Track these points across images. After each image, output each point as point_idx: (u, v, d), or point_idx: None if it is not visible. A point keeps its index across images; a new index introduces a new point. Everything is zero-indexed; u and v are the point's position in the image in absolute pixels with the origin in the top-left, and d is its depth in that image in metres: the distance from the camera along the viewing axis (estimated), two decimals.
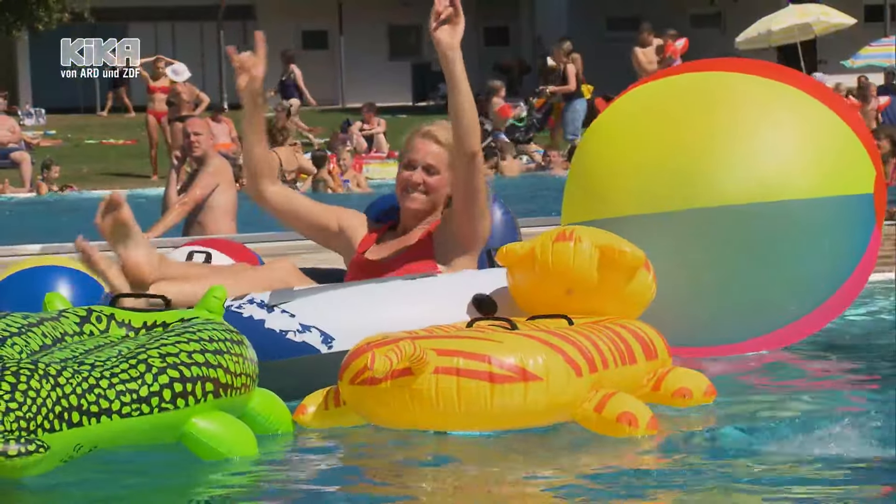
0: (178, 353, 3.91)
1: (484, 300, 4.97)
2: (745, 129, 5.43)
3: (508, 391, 4.11)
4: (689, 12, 38.25)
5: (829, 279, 5.46)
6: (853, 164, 5.49)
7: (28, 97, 35.09)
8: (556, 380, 4.18)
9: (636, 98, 5.80)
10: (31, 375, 3.68)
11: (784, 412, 4.65)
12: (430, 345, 4.20)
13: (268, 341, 4.67)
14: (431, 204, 5.42)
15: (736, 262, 5.36)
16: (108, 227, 4.87)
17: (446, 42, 4.99)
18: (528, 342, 4.24)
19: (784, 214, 5.33)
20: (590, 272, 4.85)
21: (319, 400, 4.45)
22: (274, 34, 29.75)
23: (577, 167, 5.83)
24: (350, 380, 4.28)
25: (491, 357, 4.15)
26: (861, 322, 6.48)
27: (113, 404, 3.76)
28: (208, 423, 3.93)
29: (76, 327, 4.19)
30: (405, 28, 39.47)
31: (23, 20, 30.29)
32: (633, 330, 4.71)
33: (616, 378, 4.41)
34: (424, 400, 4.15)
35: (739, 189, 5.33)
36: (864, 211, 5.48)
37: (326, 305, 4.84)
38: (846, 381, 5.27)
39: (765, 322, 5.46)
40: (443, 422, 4.16)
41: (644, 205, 5.41)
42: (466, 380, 4.12)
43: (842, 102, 5.68)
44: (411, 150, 5.41)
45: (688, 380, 4.70)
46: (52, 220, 16.11)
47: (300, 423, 4.43)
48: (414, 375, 4.15)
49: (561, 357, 4.23)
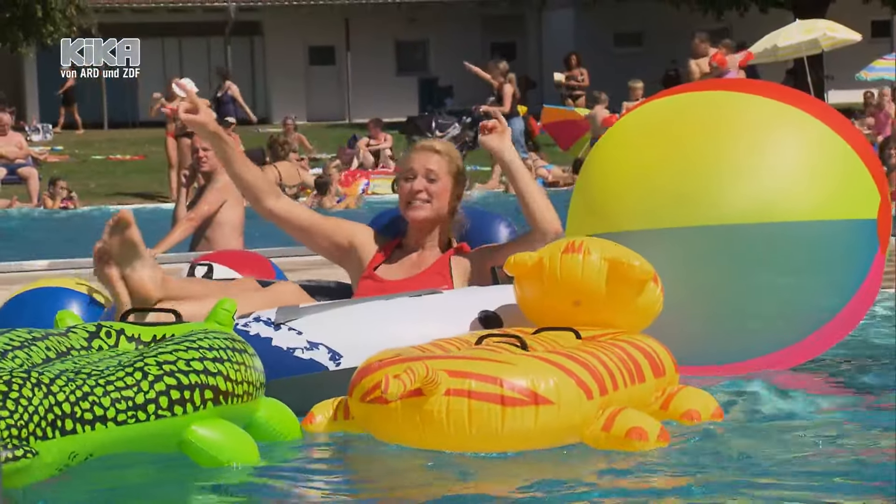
0: (176, 361, 3.89)
1: (490, 317, 4.97)
2: (748, 149, 5.43)
3: (519, 414, 4.10)
4: (695, 28, 38.30)
5: (828, 303, 5.45)
6: (857, 189, 5.49)
7: (35, 113, 35.17)
8: (566, 403, 4.18)
9: (642, 115, 5.81)
10: (22, 384, 3.66)
11: (788, 426, 4.65)
12: (442, 366, 4.18)
13: (275, 359, 4.66)
14: (436, 213, 5.42)
15: (735, 281, 5.35)
16: (115, 245, 4.84)
17: (497, 147, 5.42)
18: (539, 365, 4.23)
19: (784, 236, 5.32)
20: (598, 284, 4.84)
21: (329, 410, 4.44)
22: (281, 50, 29.90)
23: (583, 182, 5.84)
24: (360, 397, 4.26)
25: (503, 380, 4.13)
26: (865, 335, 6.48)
27: (108, 412, 3.74)
28: (208, 430, 3.91)
29: (84, 342, 4.18)
30: (412, 43, 39.55)
31: (30, 36, 30.36)
32: (642, 347, 4.70)
33: (625, 398, 4.40)
34: (435, 421, 4.13)
35: (740, 209, 5.33)
36: (867, 236, 5.48)
37: (334, 322, 4.83)
38: (849, 396, 5.26)
39: (762, 344, 5.45)
40: (453, 443, 4.14)
41: (647, 221, 5.41)
42: (478, 402, 4.11)
43: (848, 126, 5.67)
44: (410, 162, 5.47)
45: (696, 401, 4.68)
46: (59, 235, 16.13)
47: (307, 431, 4.42)
48: (425, 396, 4.14)
49: (572, 381, 4.22)
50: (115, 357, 3.97)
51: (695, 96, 5.81)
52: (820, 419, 4.76)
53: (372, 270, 5.41)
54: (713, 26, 37.61)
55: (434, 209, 5.41)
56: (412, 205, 5.40)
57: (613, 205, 5.53)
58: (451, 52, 38.52)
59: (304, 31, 38.24)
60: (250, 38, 38.57)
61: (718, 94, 5.74)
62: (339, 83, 38.64)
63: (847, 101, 32.52)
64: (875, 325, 6.76)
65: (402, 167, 5.49)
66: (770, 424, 4.67)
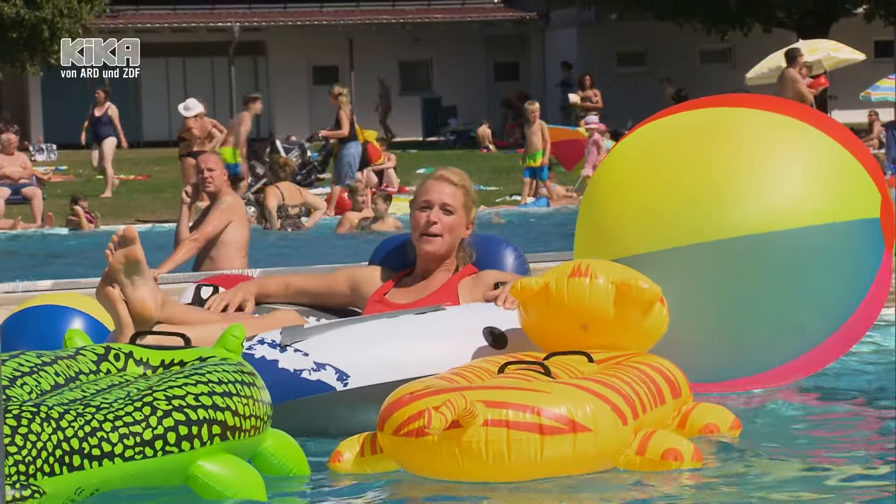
0: (185, 396, 3.86)
1: (496, 334, 4.97)
2: (752, 162, 5.48)
3: (558, 442, 4.10)
4: (698, 48, 38.35)
5: (842, 304, 5.49)
6: (858, 190, 5.55)
7: (39, 133, 35.22)
8: (604, 430, 4.19)
9: (645, 135, 5.82)
10: (32, 419, 3.65)
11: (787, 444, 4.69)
12: (477, 396, 4.16)
13: (282, 381, 4.64)
14: (448, 246, 5.42)
15: (748, 292, 5.38)
16: (118, 262, 4.83)
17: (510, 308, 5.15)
18: (575, 392, 4.22)
19: (790, 242, 5.36)
20: (606, 307, 4.84)
21: (355, 447, 4.38)
22: (285, 70, 29.89)
23: (587, 205, 5.85)
24: (392, 431, 4.22)
25: (541, 409, 4.12)
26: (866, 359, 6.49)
27: (116, 447, 3.72)
28: (215, 465, 3.88)
29: (93, 365, 4.16)
30: (416, 63, 39.60)
31: (35, 56, 30.44)
32: (659, 368, 4.70)
33: (650, 421, 4.41)
34: (473, 453, 4.11)
35: (747, 221, 5.37)
36: (872, 235, 5.53)
37: (339, 342, 4.81)
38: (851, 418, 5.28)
39: (780, 353, 5.47)
40: (491, 474, 4.12)
41: (655, 242, 5.42)
42: (516, 432, 4.10)
43: (845, 132, 5.73)
44: (426, 192, 5.43)
45: (714, 415, 4.72)
46: (65, 254, 16.12)
47: (335, 471, 4.35)
48: (462, 428, 4.11)
49: (608, 407, 4.23)
50: (124, 387, 3.96)
51: (695, 114, 5.84)
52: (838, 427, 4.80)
53: (381, 295, 5.42)
54: (716, 46, 37.70)
55: (447, 242, 5.41)
56: (426, 237, 5.39)
57: (620, 227, 5.53)
58: (454, 72, 38.61)
59: (308, 51, 38.30)
60: (254, 57, 38.64)
61: (718, 111, 5.78)
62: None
63: (850, 120, 32.57)
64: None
65: (417, 195, 5.46)
66: (791, 434, 4.72)
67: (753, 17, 34.47)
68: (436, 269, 5.45)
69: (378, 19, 38.46)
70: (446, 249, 5.42)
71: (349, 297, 5.52)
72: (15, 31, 29.80)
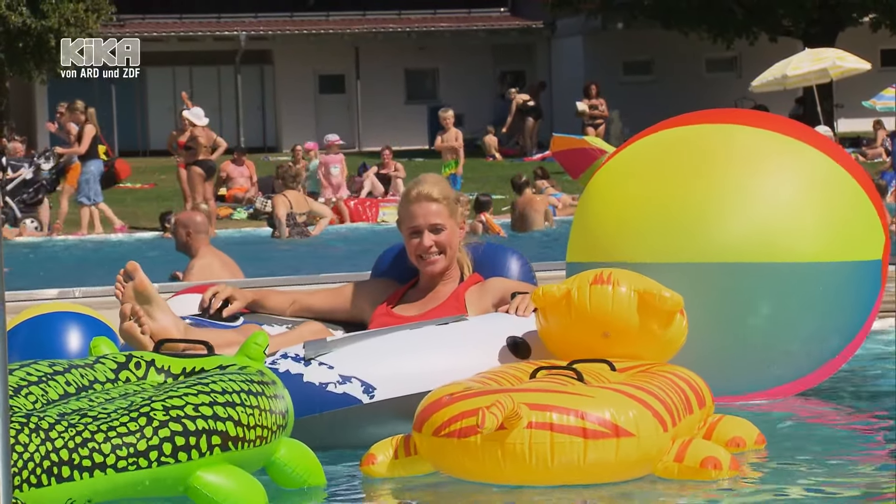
0: (184, 406, 3.82)
1: (519, 343, 4.96)
2: (745, 184, 5.43)
3: (601, 447, 4.10)
4: (704, 56, 38.34)
5: (829, 343, 5.46)
6: (864, 229, 5.51)
7: (46, 141, 35.24)
8: (646, 436, 4.18)
9: (637, 151, 5.79)
10: (20, 429, 3.62)
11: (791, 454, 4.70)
12: (521, 398, 4.15)
13: (308, 395, 4.63)
14: (450, 259, 5.41)
15: (732, 320, 5.36)
16: (129, 295, 4.94)
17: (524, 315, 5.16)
18: (617, 397, 4.22)
19: (792, 274, 5.33)
20: (629, 316, 4.83)
21: (389, 449, 4.36)
22: (291, 78, 30.02)
23: (581, 216, 5.84)
24: (432, 432, 4.20)
25: (585, 413, 4.12)
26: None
27: (108, 458, 3.69)
28: (215, 476, 3.83)
29: (111, 374, 4.13)
30: (421, 72, 39.60)
31: (42, 65, 30.47)
32: (685, 378, 4.69)
33: (681, 430, 4.40)
34: (517, 455, 4.10)
35: (737, 246, 5.33)
36: (873, 277, 5.50)
37: (364, 354, 4.80)
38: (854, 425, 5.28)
39: (761, 381, 5.45)
40: (533, 477, 4.12)
41: (645, 254, 5.39)
42: (560, 435, 4.09)
43: (851, 160, 5.67)
44: (411, 218, 5.36)
45: (740, 429, 4.70)
46: (71, 263, 16.13)
47: (367, 474, 4.34)
48: (506, 430, 4.09)
49: (649, 412, 4.22)
50: (129, 397, 3.92)
51: (692, 129, 5.78)
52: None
53: (388, 309, 5.41)
54: (722, 55, 37.70)
55: (448, 257, 5.39)
56: (425, 260, 5.36)
57: (611, 239, 5.53)
58: (460, 81, 38.59)
59: (314, 60, 38.30)
60: (260, 66, 38.64)
61: (715, 128, 5.74)
62: (349, 111, 38.68)
63: (856, 129, 32.56)
64: None
65: (403, 221, 5.41)
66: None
67: (759, 25, 34.45)
68: (440, 280, 5.44)
69: (384, 28, 38.47)
70: (448, 262, 5.41)
71: (355, 312, 5.52)
72: (22, 40, 29.84)
